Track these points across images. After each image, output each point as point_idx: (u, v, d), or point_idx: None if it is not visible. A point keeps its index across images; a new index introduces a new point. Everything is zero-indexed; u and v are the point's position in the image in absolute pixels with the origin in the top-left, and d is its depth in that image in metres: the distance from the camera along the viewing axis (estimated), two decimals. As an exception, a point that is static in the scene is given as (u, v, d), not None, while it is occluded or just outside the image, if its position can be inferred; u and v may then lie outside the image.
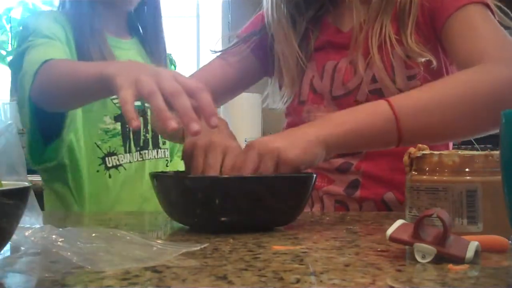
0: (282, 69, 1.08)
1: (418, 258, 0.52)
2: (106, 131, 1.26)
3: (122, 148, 1.27)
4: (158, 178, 0.76)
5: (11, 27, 2.54)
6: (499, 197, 0.53)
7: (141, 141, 1.30)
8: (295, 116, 1.09)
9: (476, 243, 0.54)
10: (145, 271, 0.49)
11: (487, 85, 0.84)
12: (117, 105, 1.26)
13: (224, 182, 0.72)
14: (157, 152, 1.34)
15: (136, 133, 1.29)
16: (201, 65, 1.48)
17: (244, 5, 3.03)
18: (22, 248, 0.57)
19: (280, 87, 1.12)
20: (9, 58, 2.51)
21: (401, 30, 0.98)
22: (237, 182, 0.71)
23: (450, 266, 0.50)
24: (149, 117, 1.31)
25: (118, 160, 1.27)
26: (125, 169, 1.27)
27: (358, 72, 1.00)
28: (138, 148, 1.30)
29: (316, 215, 0.95)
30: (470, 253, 0.52)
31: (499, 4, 0.96)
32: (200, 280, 0.46)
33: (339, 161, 1.03)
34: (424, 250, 0.52)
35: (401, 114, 0.81)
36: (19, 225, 0.52)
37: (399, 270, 0.50)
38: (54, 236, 0.54)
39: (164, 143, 1.36)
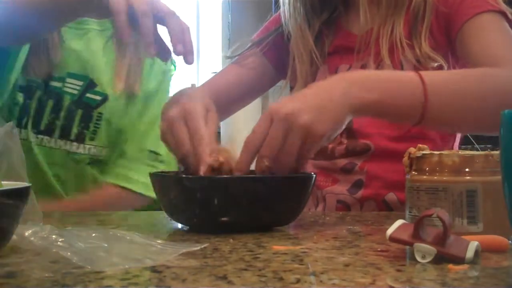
0: (295, 69, 1.08)
1: (418, 258, 0.52)
2: (13, 97, 1.19)
3: (16, 122, 1.19)
4: (158, 178, 0.76)
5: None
6: (499, 197, 0.53)
7: (43, 124, 1.21)
8: None
9: (476, 243, 0.54)
10: (145, 271, 0.49)
11: (507, 87, 0.84)
12: (26, 76, 1.19)
13: (224, 182, 0.72)
14: (66, 144, 1.23)
15: (38, 113, 1.21)
16: (200, 65, 1.47)
17: (244, 5, 3.04)
18: (22, 248, 0.57)
19: (292, 89, 1.12)
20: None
21: (413, 35, 0.98)
22: (237, 182, 0.71)
23: (450, 266, 0.50)
24: (63, 103, 1.22)
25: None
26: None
27: None
28: (35, 130, 1.21)
29: (316, 215, 0.95)
30: (470, 253, 0.52)
31: None
32: (200, 280, 0.46)
33: (343, 162, 1.03)
34: (424, 250, 0.52)
35: (432, 98, 0.79)
36: (19, 225, 0.52)
37: (399, 270, 0.50)
38: (54, 236, 0.54)
39: (91, 139, 1.24)
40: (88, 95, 1.25)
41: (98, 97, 1.25)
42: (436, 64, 0.96)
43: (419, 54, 0.96)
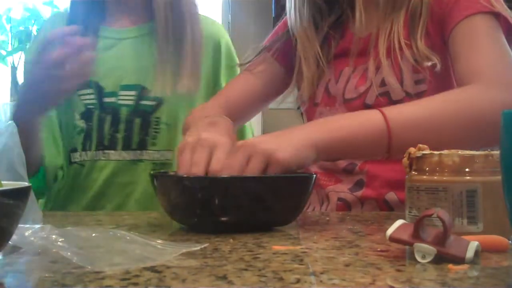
0: (302, 70, 1.09)
1: (418, 258, 0.52)
2: (74, 127, 1.24)
3: (81, 146, 1.25)
4: (158, 178, 0.76)
5: (11, 27, 2.54)
6: (499, 197, 0.53)
7: (106, 140, 1.24)
8: (309, 117, 1.10)
9: (476, 243, 0.54)
10: (145, 271, 0.49)
11: (479, 107, 0.84)
12: (84, 101, 1.23)
13: (224, 182, 0.72)
14: (129, 153, 1.24)
15: (99, 131, 1.24)
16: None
17: (244, 5, 3.03)
18: (22, 248, 0.57)
19: (299, 89, 1.13)
20: (9, 58, 2.52)
21: (411, 35, 0.98)
22: (237, 182, 0.71)
23: (450, 266, 0.50)
24: (121, 115, 1.24)
25: (79, 156, 1.25)
26: (83, 166, 1.25)
27: (368, 76, 1.01)
28: (101, 147, 1.24)
29: (316, 215, 0.95)
30: (470, 253, 0.52)
31: None
32: (200, 280, 0.46)
33: (344, 163, 1.04)
34: (424, 250, 0.52)
35: (394, 129, 0.81)
36: (19, 225, 0.52)
37: (399, 270, 0.50)
38: (54, 236, 0.54)
39: (153, 144, 1.25)
40: (143, 102, 1.24)
41: (153, 102, 1.24)
42: (430, 63, 0.96)
43: (416, 53, 0.96)
